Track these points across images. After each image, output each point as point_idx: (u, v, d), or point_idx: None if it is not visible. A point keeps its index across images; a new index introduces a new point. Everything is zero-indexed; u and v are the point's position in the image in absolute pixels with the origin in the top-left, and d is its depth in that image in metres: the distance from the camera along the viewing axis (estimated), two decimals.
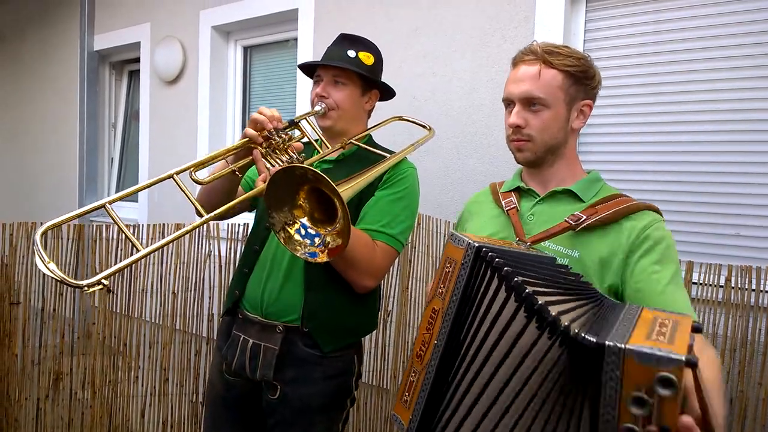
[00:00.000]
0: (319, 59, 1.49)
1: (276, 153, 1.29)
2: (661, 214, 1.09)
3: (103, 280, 0.99)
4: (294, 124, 1.39)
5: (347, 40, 1.51)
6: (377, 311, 1.54)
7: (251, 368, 1.40)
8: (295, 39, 2.84)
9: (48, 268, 0.96)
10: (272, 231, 1.18)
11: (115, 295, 2.39)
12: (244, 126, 3.30)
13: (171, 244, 2.29)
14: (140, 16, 3.58)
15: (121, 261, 1.09)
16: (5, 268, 2.25)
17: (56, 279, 0.97)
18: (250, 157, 1.30)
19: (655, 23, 1.96)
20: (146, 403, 2.44)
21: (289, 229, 1.15)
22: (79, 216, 1.07)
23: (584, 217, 1.04)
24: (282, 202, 1.14)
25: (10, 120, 4.76)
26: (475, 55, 2.26)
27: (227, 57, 3.27)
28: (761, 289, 1.64)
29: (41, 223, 1.06)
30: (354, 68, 1.44)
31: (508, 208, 1.16)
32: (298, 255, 1.14)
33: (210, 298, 2.47)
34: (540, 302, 0.79)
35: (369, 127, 1.59)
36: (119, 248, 2.36)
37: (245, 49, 3.26)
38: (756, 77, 1.80)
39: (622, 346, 0.72)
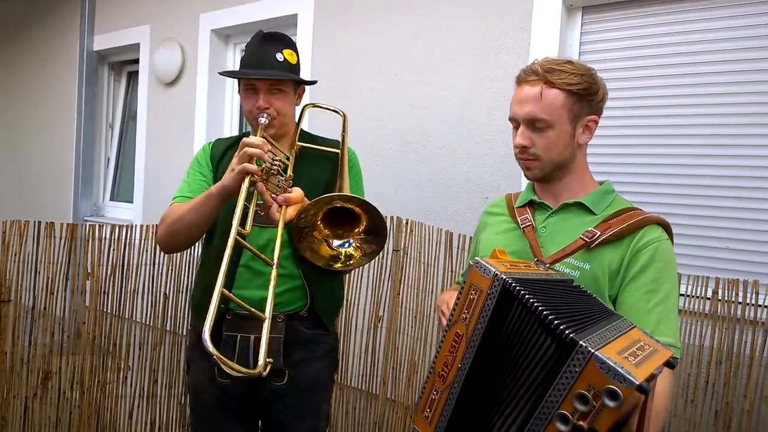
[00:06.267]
0: (246, 65, 1.48)
1: (270, 180, 1.30)
2: (669, 230, 1.09)
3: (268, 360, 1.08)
4: None
5: (268, 41, 1.49)
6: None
7: (256, 362, 1.40)
8: None
9: (234, 369, 1.03)
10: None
11: (106, 296, 2.39)
12: (240, 129, 3.31)
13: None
14: (140, 18, 3.59)
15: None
16: None
17: (244, 376, 1.05)
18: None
19: (650, 36, 1.99)
20: (134, 404, 2.43)
21: (321, 249, 1.31)
22: None
23: (598, 233, 1.06)
24: (305, 229, 1.28)
25: (7, 118, 4.76)
26: (471, 64, 2.28)
27: (226, 60, 3.28)
28: (748, 302, 1.65)
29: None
30: (290, 76, 1.47)
31: (524, 225, 1.17)
32: (337, 267, 1.32)
33: None
34: (566, 329, 0.83)
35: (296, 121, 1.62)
36: (111, 248, 2.36)
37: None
38: (746, 92, 1.83)
39: (592, 350, 0.77)
